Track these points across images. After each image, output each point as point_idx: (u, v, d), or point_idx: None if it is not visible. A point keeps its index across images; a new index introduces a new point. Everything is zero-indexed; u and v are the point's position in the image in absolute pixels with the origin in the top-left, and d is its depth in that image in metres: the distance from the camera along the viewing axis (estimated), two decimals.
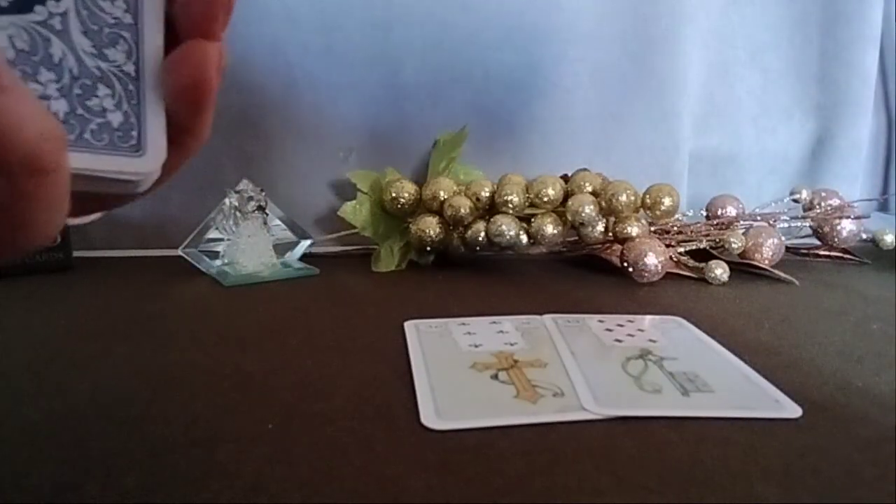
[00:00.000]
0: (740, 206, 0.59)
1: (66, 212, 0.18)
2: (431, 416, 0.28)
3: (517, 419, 0.28)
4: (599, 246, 0.57)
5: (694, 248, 0.55)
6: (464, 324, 0.40)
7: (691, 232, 0.57)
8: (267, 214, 0.52)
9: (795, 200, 0.61)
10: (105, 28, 0.20)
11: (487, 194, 0.54)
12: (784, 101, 0.71)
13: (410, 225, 0.56)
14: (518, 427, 0.27)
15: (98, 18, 0.20)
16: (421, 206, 0.56)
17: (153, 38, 0.20)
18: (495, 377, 0.32)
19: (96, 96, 0.20)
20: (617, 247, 0.54)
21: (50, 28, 0.19)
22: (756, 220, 0.58)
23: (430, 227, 0.55)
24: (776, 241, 0.55)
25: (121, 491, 0.23)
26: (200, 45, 0.20)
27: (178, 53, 0.20)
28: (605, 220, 0.54)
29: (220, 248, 0.53)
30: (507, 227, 0.52)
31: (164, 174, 0.22)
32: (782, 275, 0.53)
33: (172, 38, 0.20)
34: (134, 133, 0.20)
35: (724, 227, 0.57)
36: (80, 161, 0.19)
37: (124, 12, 0.20)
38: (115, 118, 0.20)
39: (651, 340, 0.37)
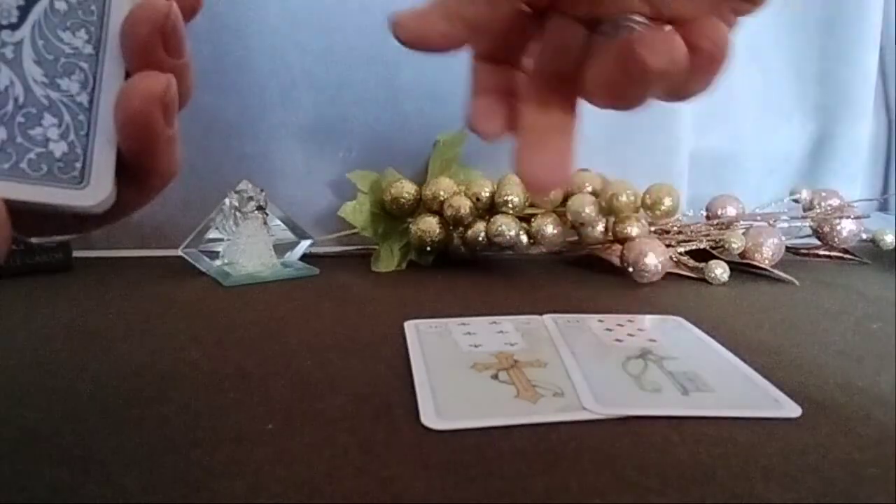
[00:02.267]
0: (740, 206, 0.59)
1: (7, 235, 0.18)
2: (431, 416, 0.28)
3: (517, 419, 0.28)
4: (599, 246, 0.57)
5: (694, 248, 0.55)
6: (464, 324, 0.40)
7: (691, 232, 0.57)
8: (267, 214, 0.52)
9: (795, 200, 0.61)
10: (61, 58, 0.20)
11: (487, 194, 0.54)
12: (784, 101, 0.71)
13: (410, 225, 0.56)
14: (518, 427, 0.27)
15: (54, 48, 0.20)
16: (421, 206, 0.56)
17: (114, 69, 0.20)
18: (495, 377, 0.32)
19: (40, 125, 0.19)
20: (617, 247, 0.54)
21: (1, 57, 0.19)
22: (756, 220, 0.58)
23: (430, 227, 0.55)
24: (776, 241, 0.55)
25: (121, 491, 0.23)
26: (142, 77, 0.20)
27: (123, 87, 0.20)
28: (605, 220, 0.54)
29: (220, 248, 0.53)
30: (507, 227, 0.52)
31: (132, 207, 0.22)
32: (782, 275, 0.53)
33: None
34: (77, 164, 0.20)
35: (724, 227, 0.57)
36: (12, 190, 0.19)
37: (85, 43, 0.20)
38: (59, 148, 0.20)
39: (651, 340, 0.37)
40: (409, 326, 0.39)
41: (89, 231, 0.23)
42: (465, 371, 0.33)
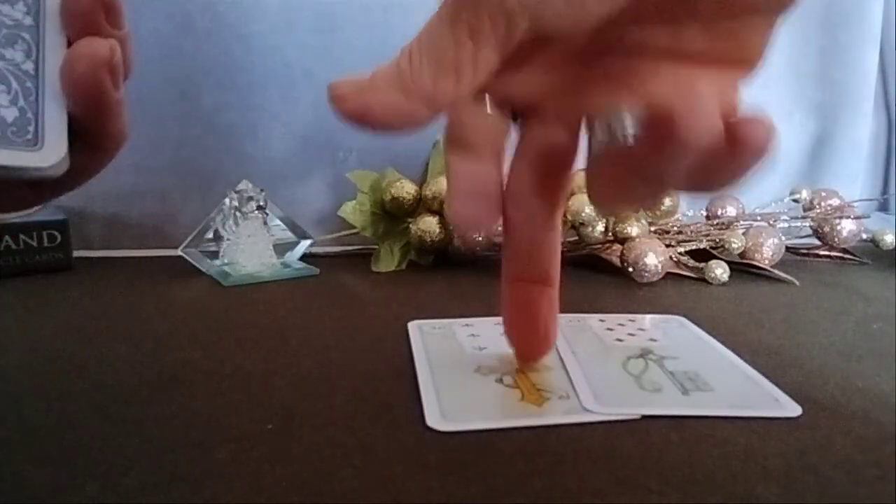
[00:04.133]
0: (740, 206, 0.59)
1: None
2: (437, 418, 0.28)
3: (523, 422, 0.28)
4: (599, 246, 0.57)
5: (694, 248, 0.55)
6: (468, 325, 0.40)
7: (691, 232, 0.57)
8: (267, 214, 0.52)
9: (795, 200, 0.61)
10: (3, 29, 0.21)
11: None
12: (784, 100, 0.71)
13: (410, 225, 0.56)
14: (518, 428, 0.27)
15: None
16: (421, 206, 0.56)
17: (55, 37, 0.21)
18: (500, 381, 0.32)
19: None
20: (617, 247, 0.54)
21: None
22: (756, 220, 0.58)
23: (430, 227, 0.55)
24: (776, 241, 0.55)
25: (121, 491, 0.23)
26: (86, 42, 0.20)
27: (68, 52, 0.21)
28: (605, 220, 0.54)
29: (220, 248, 0.53)
30: None
31: (88, 172, 0.23)
32: (782, 275, 0.53)
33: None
34: (31, 128, 0.21)
35: (724, 227, 0.57)
36: None
37: (24, 14, 0.21)
38: (10, 113, 0.21)
39: (652, 340, 0.37)
40: (413, 327, 0.39)
41: (47, 201, 0.24)
42: (470, 374, 0.33)
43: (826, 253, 0.61)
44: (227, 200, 0.51)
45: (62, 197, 0.24)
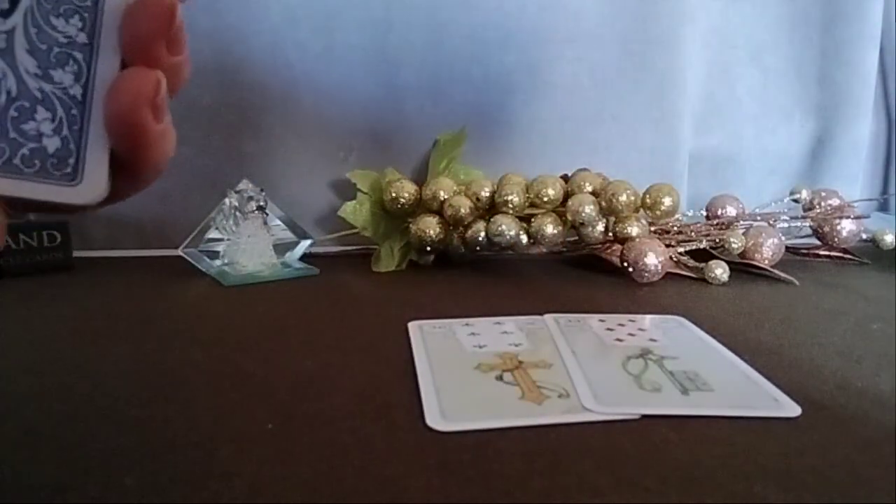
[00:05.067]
0: (740, 206, 0.59)
1: (2, 227, 0.19)
2: (436, 418, 0.28)
3: (523, 420, 0.28)
4: (599, 246, 0.57)
5: (694, 248, 0.55)
6: (468, 324, 0.40)
7: (691, 232, 0.57)
8: (267, 214, 0.52)
9: (795, 200, 0.61)
10: (55, 47, 0.19)
11: (487, 194, 0.54)
12: (784, 101, 0.71)
13: (410, 225, 0.56)
14: (517, 427, 0.27)
15: (48, 37, 0.19)
16: (421, 206, 0.56)
17: (109, 60, 0.19)
18: (500, 378, 0.32)
19: (34, 120, 0.19)
20: (617, 247, 0.54)
21: None
22: (756, 220, 0.58)
23: (430, 227, 0.55)
24: (776, 241, 0.55)
25: (121, 491, 0.23)
26: (134, 73, 0.19)
27: (112, 84, 0.19)
28: (605, 220, 0.54)
29: (220, 248, 0.53)
30: (507, 227, 0.52)
31: (122, 196, 0.21)
32: (782, 275, 0.53)
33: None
34: (71, 160, 0.19)
35: (724, 227, 0.57)
36: (5, 187, 0.18)
37: (79, 31, 0.19)
38: (52, 143, 0.19)
39: (651, 340, 0.37)
40: (413, 327, 0.39)
41: (77, 214, 0.23)
42: (470, 372, 0.33)
43: (826, 253, 0.61)
44: (227, 200, 0.51)
45: None
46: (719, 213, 0.59)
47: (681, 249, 0.55)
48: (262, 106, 0.60)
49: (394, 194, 0.56)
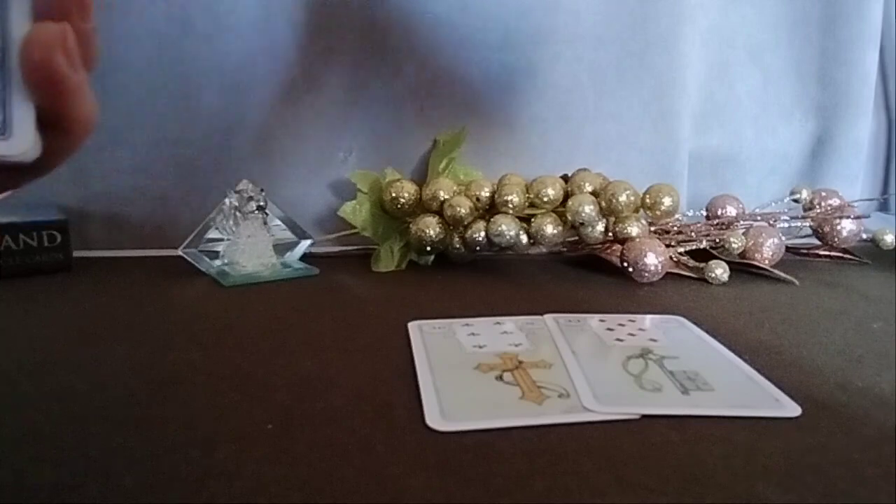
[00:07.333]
0: (740, 206, 0.59)
1: None
2: (436, 418, 0.28)
3: (523, 420, 0.28)
4: (599, 246, 0.57)
5: (694, 248, 0.55)
6: (468, 324, 0.40)
7: (691, 232, 0.57)
8: (267, 214, 0.52)
9: (795, 200, 0.61)
10: None
11: (487, 194, 0.54)
12: (784, 101, 0.71)
13: (410, 225, 0.56)
14: (518, 427, 0.27)
15: None
16: (421, 206, 0.56)
17: (21, 24, 0.21)
18: (500, 378, 0.32)
19: None
20: (617, 247, 0.54)
21: None
22: (756, 220, 0.58)
23: (430, 227, 0.55)
24: (776, 241, 0.55)
25: (121, 491, 0.23)
26: (43, 26, 0.20)
27: (23, 40, 0.20)
28: (605, 220, 0.54)
29: (220, 248, 0.53)
30: (507, 227, 0.52)
31: (61, 155, 0.23)
32: (782, 275, 0.53)
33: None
34: None
35: (724, 227, 0.57)
36: None
37: None
38: None
39: (652, 340, 0.37)
40: (413, 327, 0.39)
41: (27, 183, 0.23)
42: (470, 372, 0.33)
43: (826, 253, 0.61)
44: (227, 200, 0.51)
45: (62, 197, 0.24)
46: (719, 213, 0.59)
47: (681, 249, 0.55)
48: (262, 106, 0.60)
49: (394, 194, 0.56)
